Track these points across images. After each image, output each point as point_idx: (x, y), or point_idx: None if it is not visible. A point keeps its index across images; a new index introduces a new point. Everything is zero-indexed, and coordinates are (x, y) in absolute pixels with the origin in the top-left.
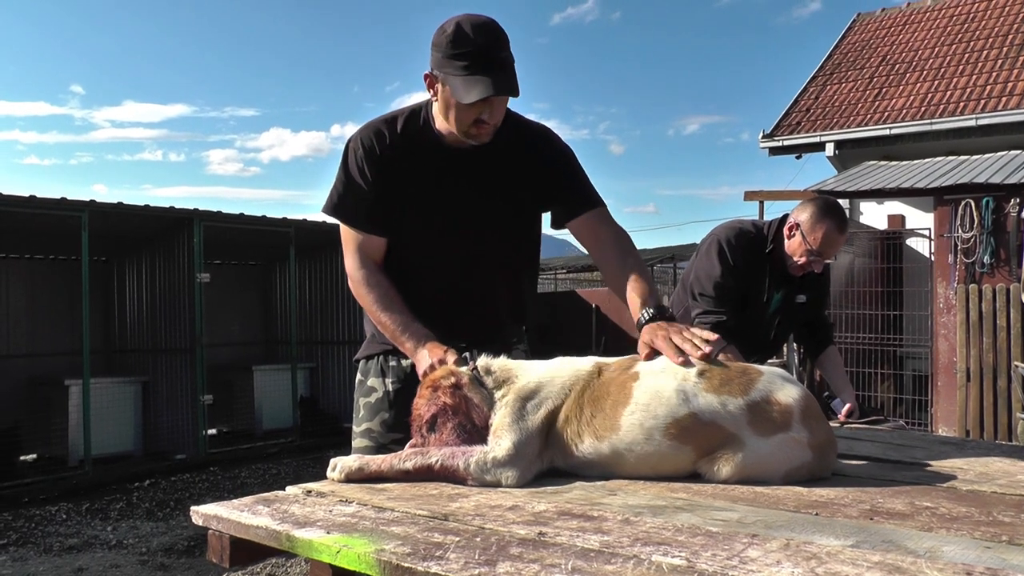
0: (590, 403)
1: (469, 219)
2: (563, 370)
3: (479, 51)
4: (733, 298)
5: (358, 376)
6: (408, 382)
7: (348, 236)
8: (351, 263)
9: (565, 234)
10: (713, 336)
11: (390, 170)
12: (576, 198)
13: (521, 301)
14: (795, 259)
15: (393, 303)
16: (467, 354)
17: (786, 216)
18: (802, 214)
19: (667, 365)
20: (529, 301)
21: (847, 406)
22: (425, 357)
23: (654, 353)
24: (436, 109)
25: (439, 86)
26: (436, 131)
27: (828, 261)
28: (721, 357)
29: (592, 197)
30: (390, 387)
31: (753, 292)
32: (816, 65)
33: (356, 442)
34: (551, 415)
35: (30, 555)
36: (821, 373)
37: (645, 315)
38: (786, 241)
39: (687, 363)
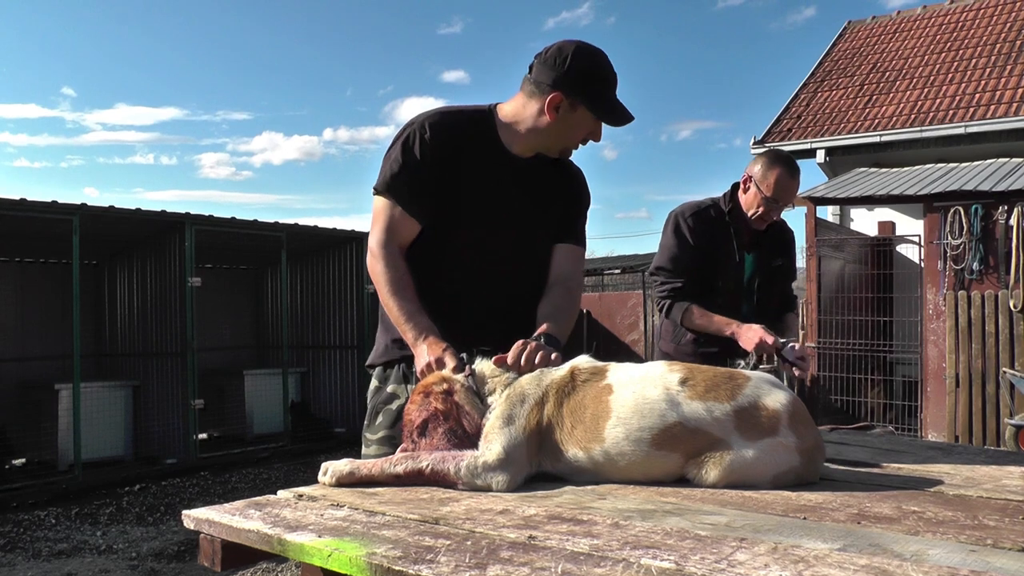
0: (570, 413)
1: (521, 225)
2: (550, 375)
3: (613, 82)
4: (692, 269)
5: (373, 382)
6: None
7: (384, 212)
8: (376, 238)
9: None
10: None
11: (451, 159)
12: (564, 228)
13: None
14: (754, 212)
15: (405, 289)
16: (464, 355)
17: (738, 183)
18: (754, 167)
19: (645, 374)
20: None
21: (796, 345)
22: (423, 353)
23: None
24: (528, 123)
25: (566, 103)
26: (499, 136)
27: (786, 208)
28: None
29: (577, 234)
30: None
31: (724, 258)
32: (808, 72)
33: (372, 449)
34: (540, 421)
35: (19, 560)
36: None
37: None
38: (742, 197)
39: (513, 367)
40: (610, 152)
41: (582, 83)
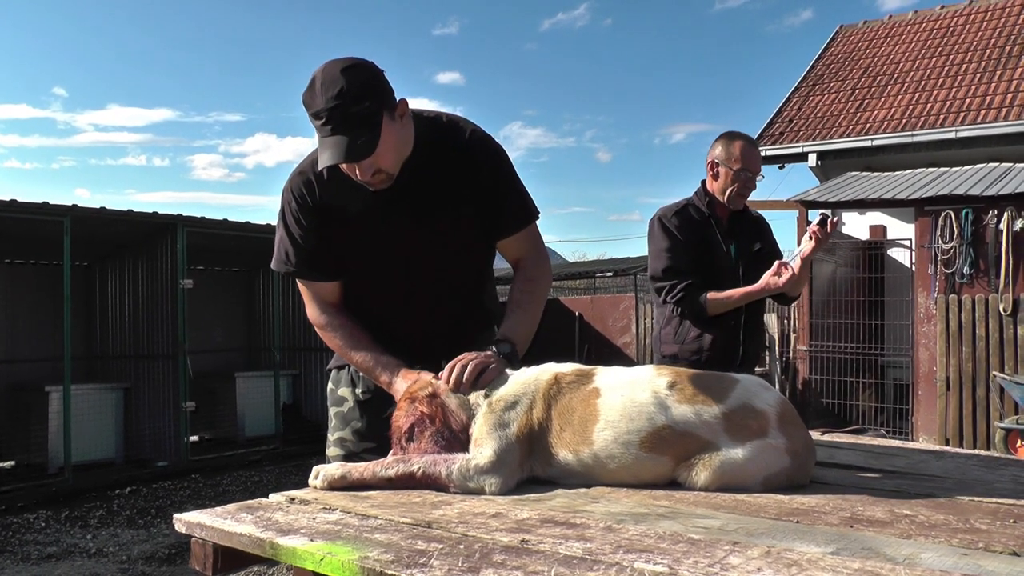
0: (559, 416)
1: (410, 243)
2: (538, 378)
3: (328, 111)
4: (691, 264)
5: (330, 386)
6: (378, 391)
7: (303, 287)
8: (312, 312)
9: (549, 243)
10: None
11: (324, 213)
12: (508, 217)
13: (484, 306)
14: (730, 191)
15: (360, 341)
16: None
17: (704, 179)
18: (713, 151)
19: (634, 378)
20: (493, 305)
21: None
22: (401, 386)
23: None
24: None
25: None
26: None
27: (758, 178)
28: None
29: (524, 215)
30: (360, 396)
31: (714, 251)
32: (801, 75)
33: (330, 451)
34: (530, 423)
35: (7, 564)
36: None
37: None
38: (713, 186)
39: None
40: (603, 155)
41: (307, 114)
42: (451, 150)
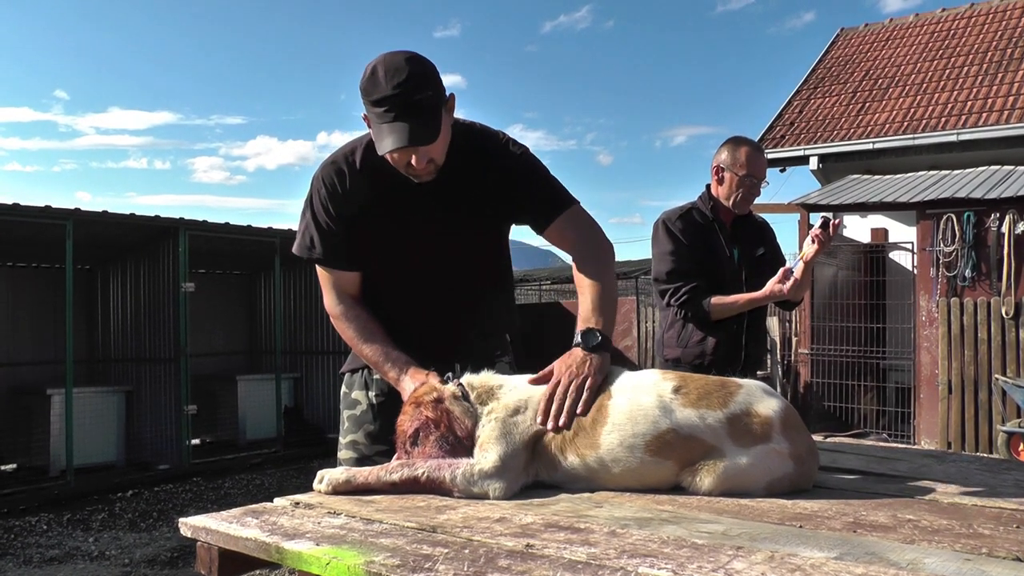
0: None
1: (434, 242)
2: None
3: (392, 97)
4: (695, 268)
5: (343, 389)
6: (391, 394)
7: (323, 275)
8: (329, 300)
9: (549, 245)
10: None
11: (353, 204)
12: (540, 208)
13: (498, 313)
14: (735, 196)
15: (373, 335)
16: (449, 374)
17: (709, 183)
18: (719, 156)
19: (639, 382)
20: (507, 311)
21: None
22: (408, 385)
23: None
24: None
25: (369, 121)
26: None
27: (763, 184)
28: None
29: (555, 203)
30: (374, 399)
31: (719, 255)
32: (802, 78)
33: (341, 454)
34: (535, 428)
35: (10, 566)
36: None
37: (576, 338)
38: (719, 190)
39: (555, 426)
40: (605, 157)
41: (364, 102)
42: (482, 155)
